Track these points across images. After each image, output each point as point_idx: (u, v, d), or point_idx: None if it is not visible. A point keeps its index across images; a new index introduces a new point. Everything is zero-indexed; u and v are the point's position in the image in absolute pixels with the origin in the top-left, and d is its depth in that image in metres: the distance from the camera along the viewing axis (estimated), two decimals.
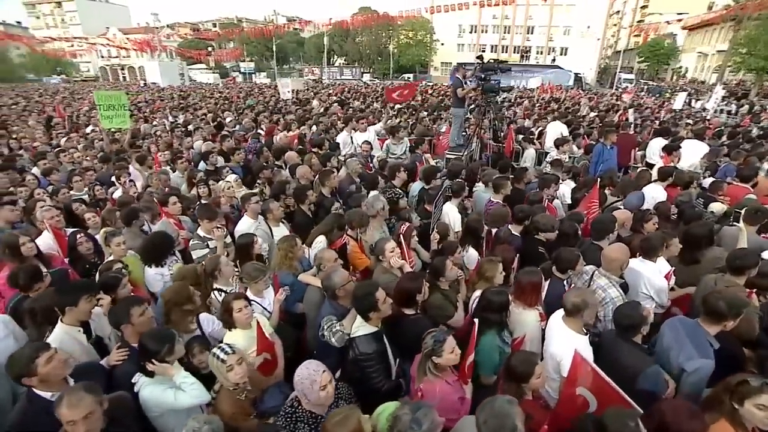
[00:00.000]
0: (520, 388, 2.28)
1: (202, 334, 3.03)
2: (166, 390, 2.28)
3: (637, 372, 2.39)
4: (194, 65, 57.81)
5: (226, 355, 2.29)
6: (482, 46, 53.31)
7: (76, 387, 1.91)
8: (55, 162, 6.76)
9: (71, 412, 1.82)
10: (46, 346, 2.18)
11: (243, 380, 2.31)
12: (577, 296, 2.62)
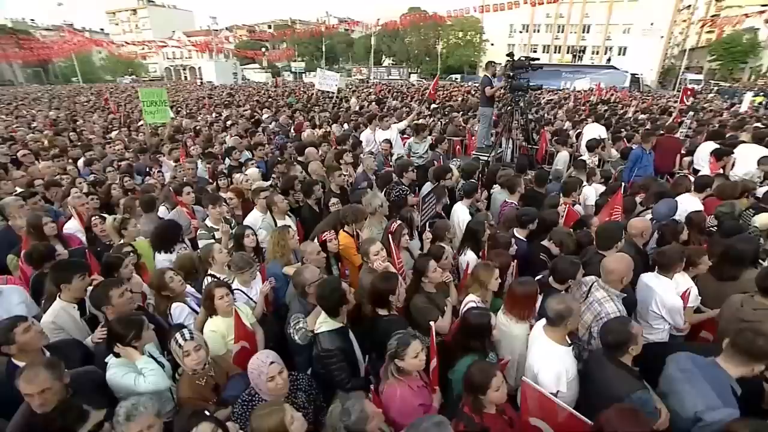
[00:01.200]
0: (478, 400, 2.12)
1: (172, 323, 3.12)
2: (128, 374, 2.34)
3: (622, 395, 2.15)
4: (249, 65, 60.73)
5: (184, 341, 2.34)
6: (534, 46, 51.26)
7: (37, 362, 2.02)
8: (101, 153, 7.33)
9: (28, 385, 1.94)
10: (24, 319, 2.34)
11: (199, 366, 2.34)
12: (559, 303, 2.41)
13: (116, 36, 73.73)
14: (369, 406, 1.88)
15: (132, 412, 1.82)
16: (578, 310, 2.43)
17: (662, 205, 4.35)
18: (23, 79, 55.40)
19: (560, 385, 2.35)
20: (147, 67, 72.02)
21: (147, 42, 52.59)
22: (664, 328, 3.11)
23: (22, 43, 43.04)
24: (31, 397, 1.93)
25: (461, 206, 4.62)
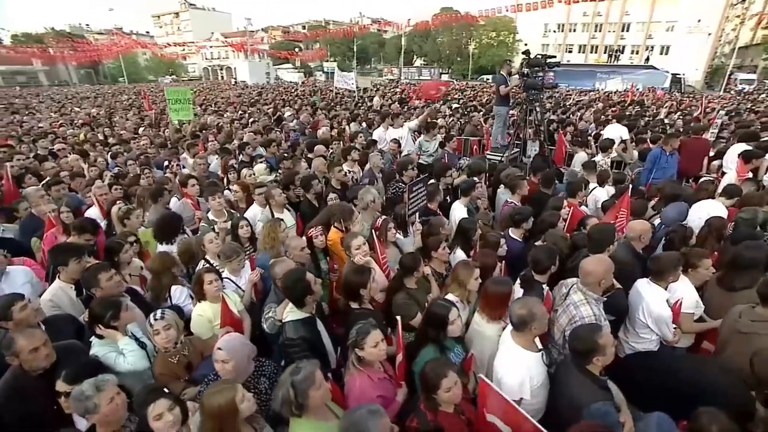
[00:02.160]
0: (431, 398, 2.11)
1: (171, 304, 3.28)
2: (109, 353, 2.48)
3: (583, 405, 2.07)
4: (282, 65, 62.19)
5: (155, 320, 2.47)
6: (569, 46, 49.69)
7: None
8: (126, 147, 7.77)
9: (26, 341, 2.18)
10: (21, 297, 2.53)
11: (168, 344, 2.45)
12: (521, 308, 2.34)
13: (160, 38, 77.42)
14: (320, 374, 1.90)
15: (99, 385, 1.94)
16: (543, 314, 2.34)
17: (671, 209, 4.14)
18: (77, 79, 59.17)
19: (523, 393, 2.29)
20: (186, 67, 75.19)
21: (187, 43, 54.93)
22: (651, 338, 2.97)
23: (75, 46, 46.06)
24: (25, 355, 2.12)
25: (459, 204, 4.57)
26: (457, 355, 2.63)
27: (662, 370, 2.75)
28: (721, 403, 2.39)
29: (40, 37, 57.76)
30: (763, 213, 4.42)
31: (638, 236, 3.38)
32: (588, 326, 2.31)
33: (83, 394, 1.90)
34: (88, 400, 1.89)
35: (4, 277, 3.30)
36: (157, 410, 1.85)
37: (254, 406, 1.93)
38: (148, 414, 1.85)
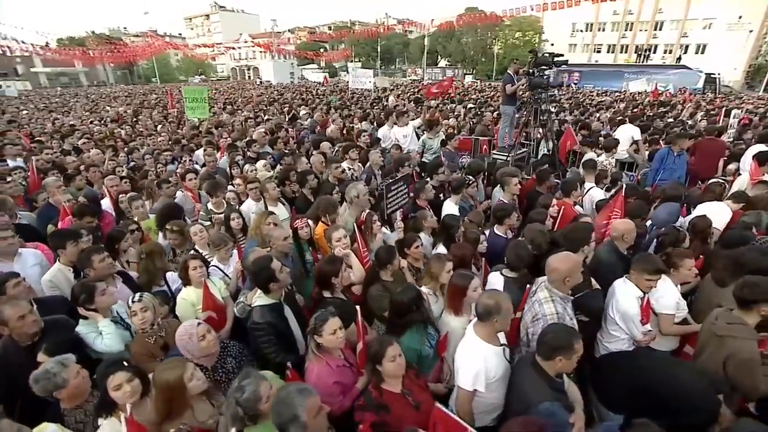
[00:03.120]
0: (376, 370, 2.17)
1: (168, 289, 3.48)
2: (89, 333, 2.66)
3: (531, 403, 2.08)
4: (307, 65, 63.19)
5: (133, 302, 2.63)
6: (597, 46, 48.20)
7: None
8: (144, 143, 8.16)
9: (11, 310, 2.39)
10: (16, 275, 2.76)
11: (144, 325, 2.61)
12: (489, 298, 2.36)
13: (191, 39, 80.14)
14: (264, 387, 1.91)
15: (63, 362, 2.12)
16: (508, 310, 2.35)
17: (662, 209, 4.04)
18: (113, 80, 61.99)
19: (477, 384, 2.31)
20: (216, 67, 77.48)
21: (215, 44, 56.62)
22: (621, 336, 2.92)
23: (112, 48, 48.29)
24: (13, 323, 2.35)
25: (449, 203, 4.59)
26: (432, 339, 2.68)
27: (634, 371, 2.71)
28: (689, 404, 2.38)
29: (82, 40, 60.95)
30: (767, 216, 4.26)
31: (621, 236, 3.32)
32: (567, 327, 2.30)
33: (51, 371, 2.07)
34: (56, 377, 2.07)
35: (17, 258, 3.55)
36: (116, 381, 1.99)
37: (204, 385, 2.05)
38: (108, 385, 2.00)
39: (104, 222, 4.60)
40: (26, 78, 49.13)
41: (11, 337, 2.46)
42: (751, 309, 2.50)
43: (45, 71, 54.55)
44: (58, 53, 45.18)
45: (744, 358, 2.41)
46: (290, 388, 1.78)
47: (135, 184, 5.69)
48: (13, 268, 3.40)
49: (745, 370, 2.41)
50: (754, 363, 2.39)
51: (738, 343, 2.46)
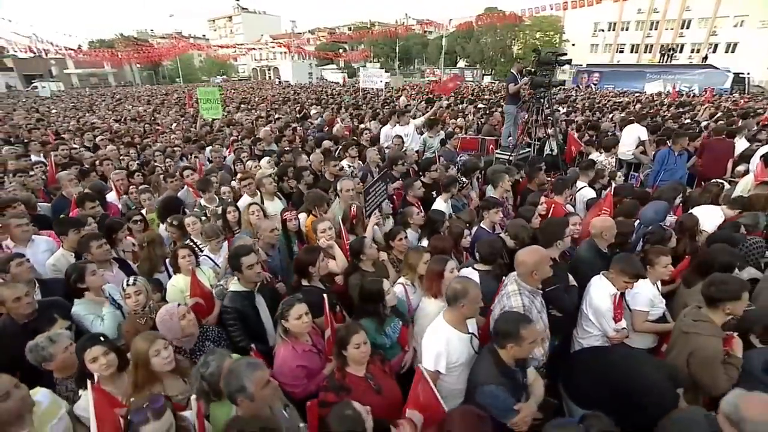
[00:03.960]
0: (342, 356, 2.28)
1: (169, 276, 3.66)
2: (89, 314, 2.84)
3: (477, 384, 2.17)
4: (327, 66, 63.89)
5: (128, 285, 2.80)
6: (620, 46, 46.96)
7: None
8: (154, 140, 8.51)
9: (8, 291, 2.59)
10: (21, 256, 2.98)
11: (137, 307, 2.77)
12: (458, 283, 2.44)
13: (214, 41, 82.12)
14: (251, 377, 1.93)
15: (53, 338, 2.30)
16: (476, 296, 2.41)
17: (649, 208, 4.01)
18: (140, 80, 64.09)
19: (439, 365, 2.39)
20: (237, 68, 79.13)
21: (237, 45, 57.85)
22: (594, 332, 2.95)
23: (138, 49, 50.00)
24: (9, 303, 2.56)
25: (440, 200, 4.65)
26: (393, 329, 2.78)
27: (601, 367, 2.72)
28: (648, 399, 2.39)
29: (111, 42, 63.33)
30: (765, 217, 4.17)
31: (600, 233, 3.33)
32: (517, 314, 2.34)
33: (39, 345, 2.27)
34: (44, 350, 2.26)
35: (30, 244, 3.82)
36: (92, 354, 2.16)
37: (169, 366, 2.19)
38: (85, 357, 2.17)
39: (110, 213, 4.89)
40: (60, 79, 51.35)
41: (9, 316, 2.68)
42: (717, 307, 2.50)
43: (77, 72, 56.83)
44: (88, 55, 47.11)
45: (706, 356, 2.42)
46: (240, 362, 1.90)
47: (145, 178, 5.98)
48: (27, 253, 3.69)
49: (707, 367, 2.41)
50: (715, 360, 2.39)
51: (701, 340, 2.47)
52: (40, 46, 40.90)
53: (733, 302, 2.44)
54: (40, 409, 2.03)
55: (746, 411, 1.62)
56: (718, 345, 2.42)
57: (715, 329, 2.47)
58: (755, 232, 4.05)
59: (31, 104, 22.35)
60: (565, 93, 23.92)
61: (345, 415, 1.76)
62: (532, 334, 2.17)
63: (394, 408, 2.33)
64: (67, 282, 2.90)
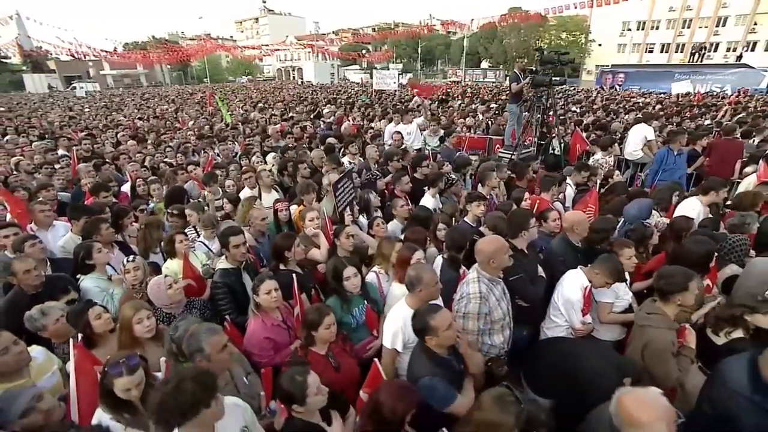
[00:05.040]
0: (310, 336, 2.45)
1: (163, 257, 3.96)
2: (101, 292, 3.14)
3: (416, 376, 2.24)
4: (350, 66, 64.59)
5: (128, 262, 3.10)
6: (650, 46, 45.42)
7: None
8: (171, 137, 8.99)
9: (21, 264, 2.90)
10: (35, 237, 3.33)
11: (135, 282, 3.06)
12: (413, 270, 2.58)
13: (241, 42, 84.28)
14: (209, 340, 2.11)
15: (45, 311, 2.59)
16: (431, 280, 2.54)
17: (632, 205, 4.03)
18: (169, 80, 66.55)
19: (396, 343, 2.55)
20: (262, 68, 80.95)
21: (261, 46, 59.25)
22: (560, 322, 3.02)
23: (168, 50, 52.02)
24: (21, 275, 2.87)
25: (428, 196, 4.79)
26: (360, 311, 2.95)
27: (559, 357, 2.80)
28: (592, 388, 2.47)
29: (144, 44, 66.04)
30: (752, 217, 4.11)
31: (571, 227, 3.40)
32: (428, 307, 2.34)
33: (32, 317, 2.56)
34: (36, 321, 2.56)
35: (50, 228, 4.22)
36: (95, 313, 2.46)
37: (149, 333, 2.44)
38: (90, 317, 2.45)
39: (121, 201, 5.28)
40: (96, 80, 54.04)
41: (20, 287, 3.00)
42: (668, 300, 2.55)
43: (111, 73, 59.57)
44: (121, 57, 49.37)
45: (657, 348, 2.48)
46: (201, 326, 2.12)
47: (156, 171, 6.37)
48: (47, 236, 4.09)
49: (659, 359, 2.47)
50: (666, 352, 2.44)
51: (653, 332, 2.53)
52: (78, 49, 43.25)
53: (682, 293, 2.49)
54: (36, 363, 2.32)
55: (620, 405, 1.66)
56: (670, 337, 2.47)
57: (667, 321, 2.52)
58: (745, 233, 4.01)
59: (67, 104, 23.66)
60: (584, 93, 23.43)
61: (293, 378, 1.92)
62: (442, 321, 2.20)
63: (351, 385, 2.51)
64: (76, 259, 3.21)
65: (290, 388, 1.87)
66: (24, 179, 5.79)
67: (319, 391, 1.90)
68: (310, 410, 1.92)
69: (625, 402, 1.65)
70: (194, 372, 1.55)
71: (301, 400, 1.85)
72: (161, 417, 1.49)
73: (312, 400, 1.87)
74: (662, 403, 1.62)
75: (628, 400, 1.65)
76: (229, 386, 2.17)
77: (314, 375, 1.94)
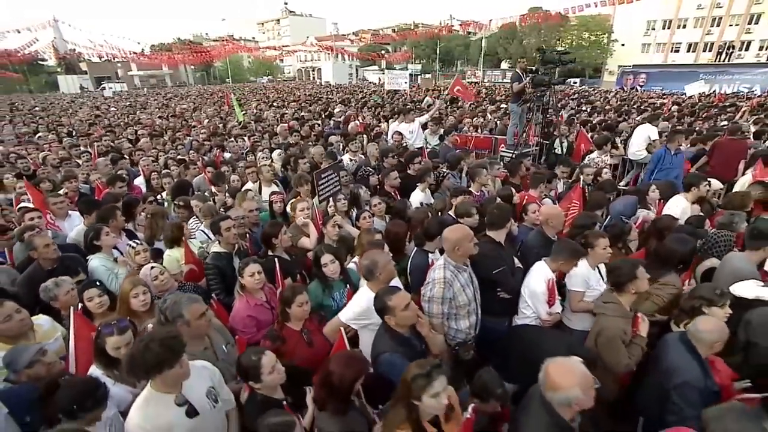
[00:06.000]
0: (285, 312, 2.68)
1: None
2: (107, 270, 3.44)
3: (378, 353, 2.41)
4: (369, 67, 65.07)
5: (137, 245, 3.46)
6: (676, 45, 43.95)
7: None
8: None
9: (41, 240, 3.26)
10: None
11: (142, 261, 3.36)
12: (366, 259, 2.75)
13: (263, 43, 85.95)
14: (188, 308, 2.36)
15: (58, 283, 2.90)
16: (385, 262, 2.72)
17: (618, 202, 4.11)
18: (193, 81, 68.50)
19: (346, 316, 2.75)
20: (283, 68, 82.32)
21: (281, 47, 60.38)
22: (528, 313, 3.13)
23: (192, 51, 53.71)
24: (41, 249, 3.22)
25: (418, 190, 4.96)
26: (341, 295, 3.16)
27: (524, 344, 2.95)
28: None
29: (170, 46, 68.26)
30: (740, 217, 4.13)
31: (546, 220, 3.52)
32: (387, 288, 2.47)
33: (47, 287, 2.87)
34: (50, 291, 2.86)
35: (67, 218, 4.61)
36: (89, 294, 2.74)
37: (143, 307, 2.71)
38: (84, 297, 2.74)
39: (135, 193, 5.66)
40: (124, 80, 56.21)
41: (38, 262, 3.34)
42: (623, 290, 2.67)
43: (138, 74, 61.76)
44: (147, 58, 51.23)
45: (608, 335, 2.60)
46: (183, 296, 2.37)
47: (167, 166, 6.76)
48: (64, 224, 4.47)
49: (609, 346, 2.59)
50: (615, 339, 2.56)
51: (606, 320, 2.66)
52: (108, 51, 45.13)
53: (633, 282, 2.61)
54: (42, 330, 2.63)
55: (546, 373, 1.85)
56: (621, 325, 2.59)
57: (621, 310, 2.64)
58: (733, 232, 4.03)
59: (95, 103, 24.80)
60: (601, 94, 23.05)
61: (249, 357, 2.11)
62: (399, 302, 2.33)
63: (322, 360, 2.70)
64: (86, 240, 3.54)
65: (246, 366, 2.10)
66: (50, 172, 6.25)
67: (274, 370, 2.10)
68: (267, 387, 2.13)
69: (549, 369, 1.83)
70: (163, 335, 1.78)
71: (255, 377, 2.07)
72: (129, 370, 1.75)
73: (266, 379, 2.08)
74: (580, 371, 1.78)
75: (551, 368, 1.82)
76: (209, 351, 2.42)
77: (270, 355, 2.13)
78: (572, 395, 1.75)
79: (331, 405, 2.03)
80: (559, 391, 1.76)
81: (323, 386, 2.05)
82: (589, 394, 1.76)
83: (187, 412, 1.84)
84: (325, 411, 2.07)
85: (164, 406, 1.81)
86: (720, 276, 3.33)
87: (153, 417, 1.76)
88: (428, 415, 1.94)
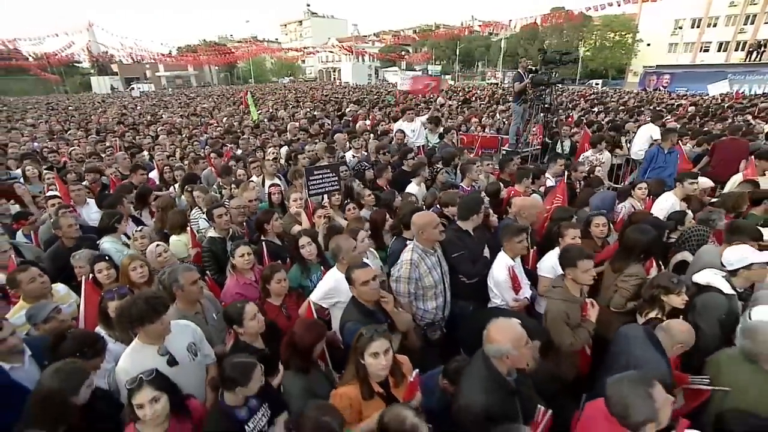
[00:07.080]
0: (265, 287, 2.99)
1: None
2: (116, 252, 3.79)
3: (344, 323, 2.67)
4: (389, 67, 65.46)
5: (138, 233, 3.79)
6: (705, 44, 42.45)
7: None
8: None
9: (65, 220, 3.68)
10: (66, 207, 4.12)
11: (142, 248, 3.68)
12: (333, 243, 3.04)
13: (285, 44, 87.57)
14: (183, 274, 2.71)
15: (78, 255, 3.29)
16: (348, 246, 2.99)
17: (596, 197, 4.24)
18: (217, 81, 70.50)
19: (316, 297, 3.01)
20: (304, 69, 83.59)
21: (303, 48, 61.42)
22: (497, 302, 3.31)
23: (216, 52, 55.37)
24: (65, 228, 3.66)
25: (413, 184, 5.20)
26: (318, 277, 3.42)
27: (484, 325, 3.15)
28: None
29: (195, 47, 70.47)
30: (718, 214, 4.20)
31: (518, 211, 3.70)
32: (356, 263, 2.74)
33: (81, 258, 3.28)
34: (75, 260, 3.26)
35: (85, 205, 5.08)
36: (98, 267, 3.11)
37: (141, 279, 3.05)
38: (95, 269, 3.12)
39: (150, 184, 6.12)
40: (152, 81, 58.47)
41: (62, 240, 3.77)
42: (566, 275, 2.84)
43: (165, 75, 64.06)
44: (173, 59, 53.09)
45: (551, 317, 2.80)
46: (180, 266, 2.71)
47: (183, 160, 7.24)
48: (82, 210, 4.94)
49: (552, 326, 2.78)
50: (558, 319, 2.73)
51: (551, 303, 2.85)
52: (137, 53, 47.04)
53: (572, 269, 2.76)
54: (59, 295, 3.05)
55: (487, 330, 2.09)
56: (563, 308, 2.75)
57: (565, 294, 2.80)
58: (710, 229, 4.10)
59: (123, 102, 26.00)
60: (619, 95, 22.64)
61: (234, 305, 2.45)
62: (361, 277, 2.57)
63: None
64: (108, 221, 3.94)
65: (231, 312, 2.42)
66: (75, 166, 6.79)
67: (255, 318, 2.41)
68: (249, 333, 2.43)
69: (490, 327, 2.10)
70: (149, 294, 2.11)
71: (238, 322, 2.38)
72: (118, 321, 2.08)
73: (249, 324, 2.39)
74: (516, 330, 2.05)
75: (491, 326, 2.10)
76: (200, 316, 2.76)
77: (252, 305, 2.45)
78: (504, 349, 2.00)
79: (294, 363, 2.31)
80: (494, 344, 2.02)
81: (287, 346, 2.34)
82: (522, 353, 1.99)
83: (168, 362, 2.16)
84: (290, 370, 2.35)
85: (148, 355, 2.14)
86: (693, 269, 3.43)
87: (138, 363, 2.07)
88: (377, 377, 2.18)
